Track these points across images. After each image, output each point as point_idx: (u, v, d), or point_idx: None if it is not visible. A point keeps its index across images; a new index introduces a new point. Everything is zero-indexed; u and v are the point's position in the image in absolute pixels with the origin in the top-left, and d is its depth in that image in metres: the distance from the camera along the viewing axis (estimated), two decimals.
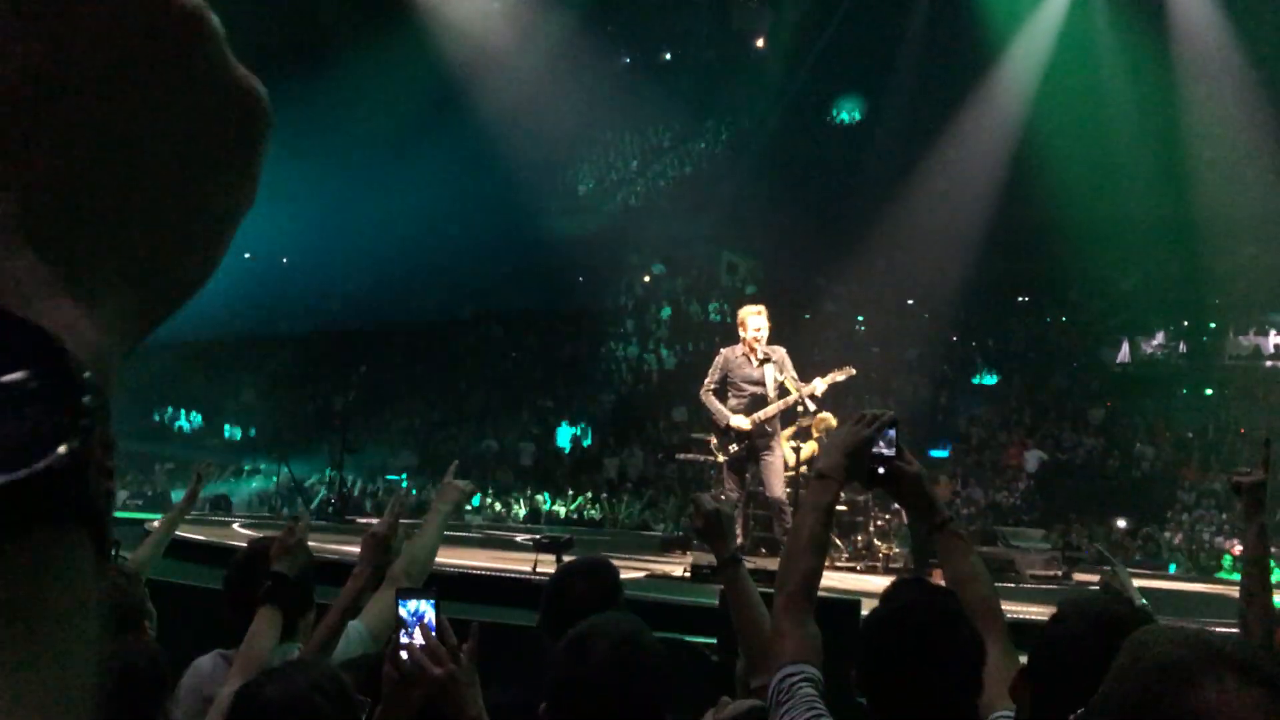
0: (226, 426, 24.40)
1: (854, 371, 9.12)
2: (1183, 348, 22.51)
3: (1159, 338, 22.90)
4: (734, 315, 9.24)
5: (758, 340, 8.68)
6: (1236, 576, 13.03)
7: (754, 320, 8.75)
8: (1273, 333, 21.67)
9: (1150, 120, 20.56)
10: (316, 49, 22.52)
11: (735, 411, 8.67)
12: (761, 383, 8.67)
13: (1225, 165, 20.35)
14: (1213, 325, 22.48)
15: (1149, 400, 21.34)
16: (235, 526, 11.74)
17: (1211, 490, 18.77)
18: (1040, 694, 1.85)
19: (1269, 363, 21.35)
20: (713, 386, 8.80)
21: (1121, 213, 22.15)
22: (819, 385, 8.64)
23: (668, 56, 25.78)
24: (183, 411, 24.47)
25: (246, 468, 20.91)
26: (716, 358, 8.99)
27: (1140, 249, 22.98)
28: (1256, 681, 1.09)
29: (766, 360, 8.66)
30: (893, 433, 2.45)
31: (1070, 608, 1.98)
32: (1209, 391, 21.42)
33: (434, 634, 2.17)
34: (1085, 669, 1.21)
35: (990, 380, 22.97)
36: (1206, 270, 22.94)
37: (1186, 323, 22.82)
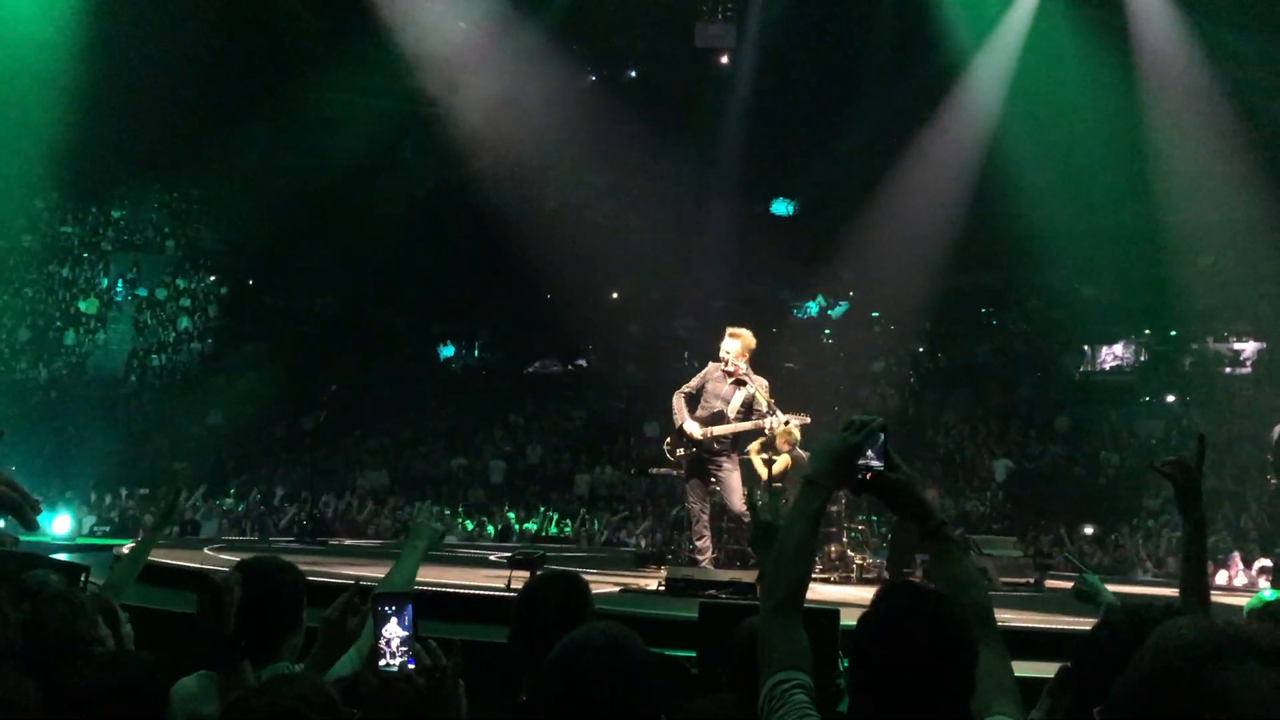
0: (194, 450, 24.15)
1: (809, 420, 9.42)
2: (1144, 355, 22.80)
3: (1121, 346, 23.18)
4: (703, 329, 9.61)
5: (725, 360, 8.96)
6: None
7: (725, 343, 9.05)
8: (1233, 339, 21.99)
9: (1111, 132, 20.83)
10: (282, 70, 22.45)
11: (696, 420, 8.88)
12: (727, 401, 8.90)
13: (1184, 175, 20.66)
14: (1173, 333, 22.78)
15: (1113, 408, 21.60)
16: (206, 550, 11.63)
17: (1174, 497, 18.98)
18: (1084, 692, 1.87)
19: (1229, 369, 21.66)
20: (687, 390, 9.16)
21: (1083, 223, 22.42)
22: (778, 421, 8.87)
23: (633, 74, 25.89)
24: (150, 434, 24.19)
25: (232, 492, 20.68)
26: (706, 367, 9.32)
27: (1101, 258, 23.28)
28: (1277, 665, 1.10)
29: (741, 384, 8.90)
30: (882, 439, 2.43)
31: (1116, 612, 2.02)
32: (1171, 398, 21.70)
33: (415, 636, 2.18)
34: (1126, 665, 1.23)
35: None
36: (1167, 278, 23.27)
37: (1148, 330, 23.12)
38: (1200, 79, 19.38)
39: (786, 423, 9.12)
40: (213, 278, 27.87)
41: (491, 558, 11.67)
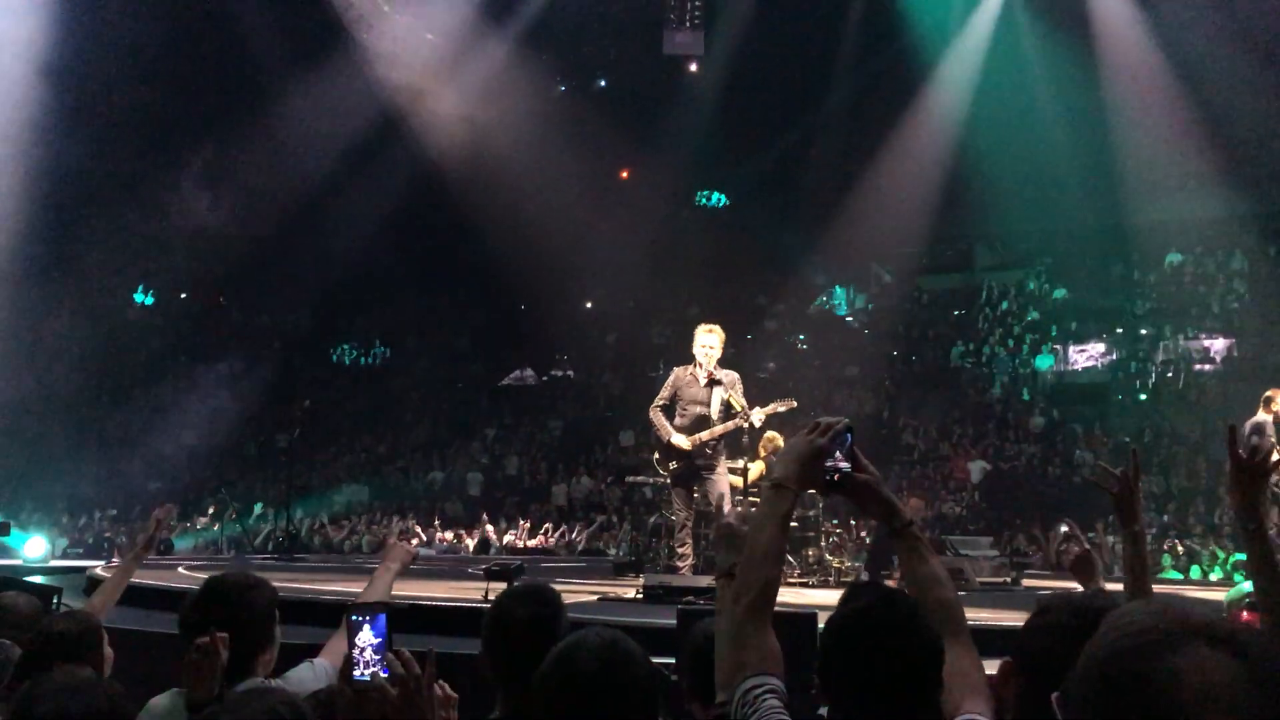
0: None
1: (795, 404, 9.28)
2: (1116, 354, 23.00)
3: (1093, 345, 23.37)
4: (679, 338, 9.44)
5: (706, 357, 8.83)
6: (1176, 575, 13.21)
7: (702, 338, 8.91)
8: (1202, 337, 22.22)
9: (1078, 134, 21.05)
10: (250, 82, 22.35)
11: (679, 430, 8.79)
12: (706, 404, 8.79)
13: (1151, 176, 20.89)
14: (1144, 332, 23.00)
15: (1086, 407, 21.76)
16: (180, 569, 11.53)
17: (1150, 493, 19.18)
18: (1027, 685, 1.88)
19: (1199, 366, 21.88)
20: (661, 403, 8.96)
21: (1054, 225, 22.64)
22: (758, 415, 8.74)
23: (603, 83, 25.95)
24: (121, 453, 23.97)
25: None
26: (670, 376, 9.11)
27: (1073, 259, 23.51)
28: (1226, 649, 1.11)
29: (715, 383, 8.80)
30: (848, 440, 2.43)
31: (1053, 599, 2.03)
32: (1143, 397, 21.89)
33: (387, 649, 2.17)
34: (1070, 656, 1.25)
35: None
36: (1137, 279, 23.54)
37: (1119, 330, 23.33)
38: (1163, 80, 19.62)
39: (764, 419, 8.98)
40: (184, 295, 27.69)
41: (469, 570, 11.62)
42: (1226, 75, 19.10)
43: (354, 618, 2.19)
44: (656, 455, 9.13)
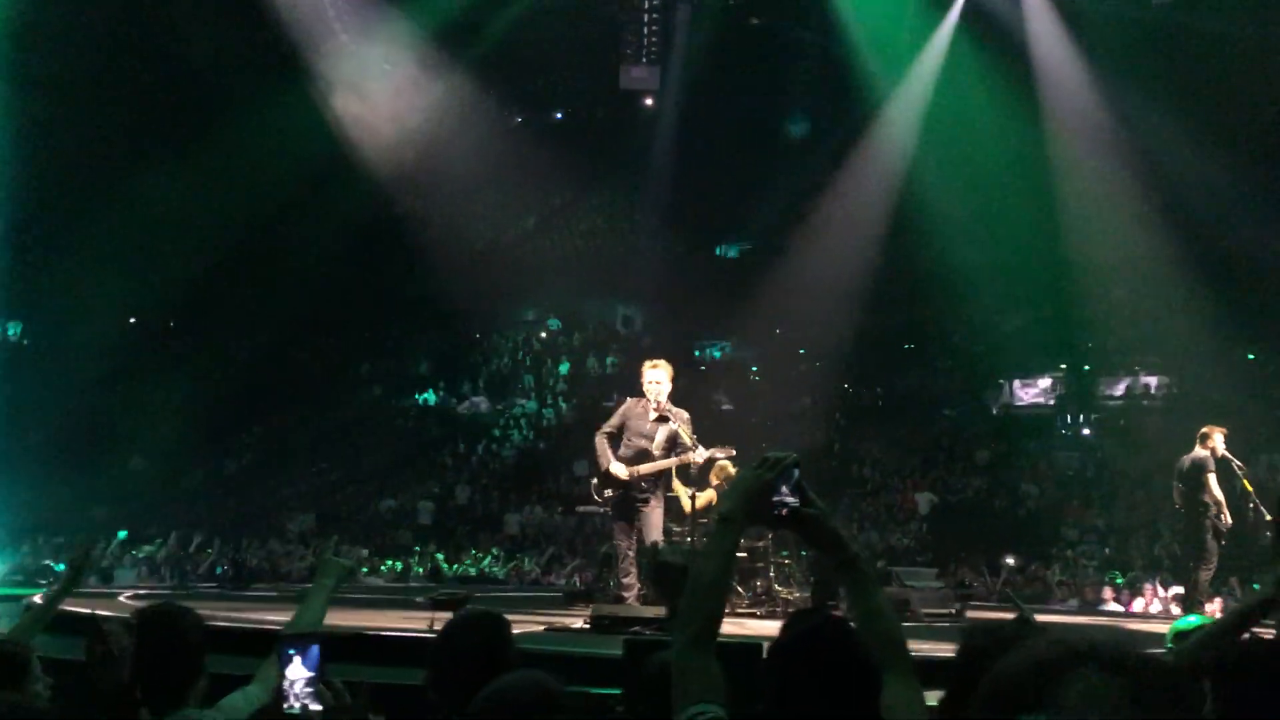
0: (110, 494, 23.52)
1: (734, 453, 9.43)
2: (1060, 389, 23.37)
3: (1038, 380, 23.75)
4: (631, 368, 9.46)
5: (654, 392, 8.90)
6: (1118, 608, 13.35)
7: (649, 373, 9.01)
8: (1142, 373, 22.65)
9: (1022, 171, 21.47)
10: (205, 111, 22.23)
11: (620, 459, 8.86)
12: (651, 438, 8.87)
13: (1094, 212, 21.33)
14: (1087, 367, 23.40)
15: (1031, 441, 22.08)
16: (121, 599, 11.34)
17: (1094, 526, 19.49)
18: (947, 703, 1.96)
19: (1144, 402, 22.30)
20: (609, 430, 9.03)
21: (1000, 260, 23.01)
22: (700, 454, 8.84)
23: (559, 116, 26.10)
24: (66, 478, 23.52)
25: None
26: (623, 404, 9.19)
27: (1018, 295, 23.89)
28: (1120, 673, 1.21)
29: (664, 419, 8.87)
30: (796, 474, 2.43)
31: (974, 626, 2.11)
32: (1087, 431, 22.25)
33: (320, 678, 2.16)
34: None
35: None
36: (1081, 314, 23.95)
37: (1064, 365, 23.72)
38: (1102, 119, 20.11)
39: (711, 458, 9.12)
40: (133, 319, 27.27)
41: (417, 599, 11.54)
42: (1162, 117, 19.61)
43: (287, 650, 2.17)
44: (595, 480, 9.21)
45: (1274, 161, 19.74)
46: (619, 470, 8.81)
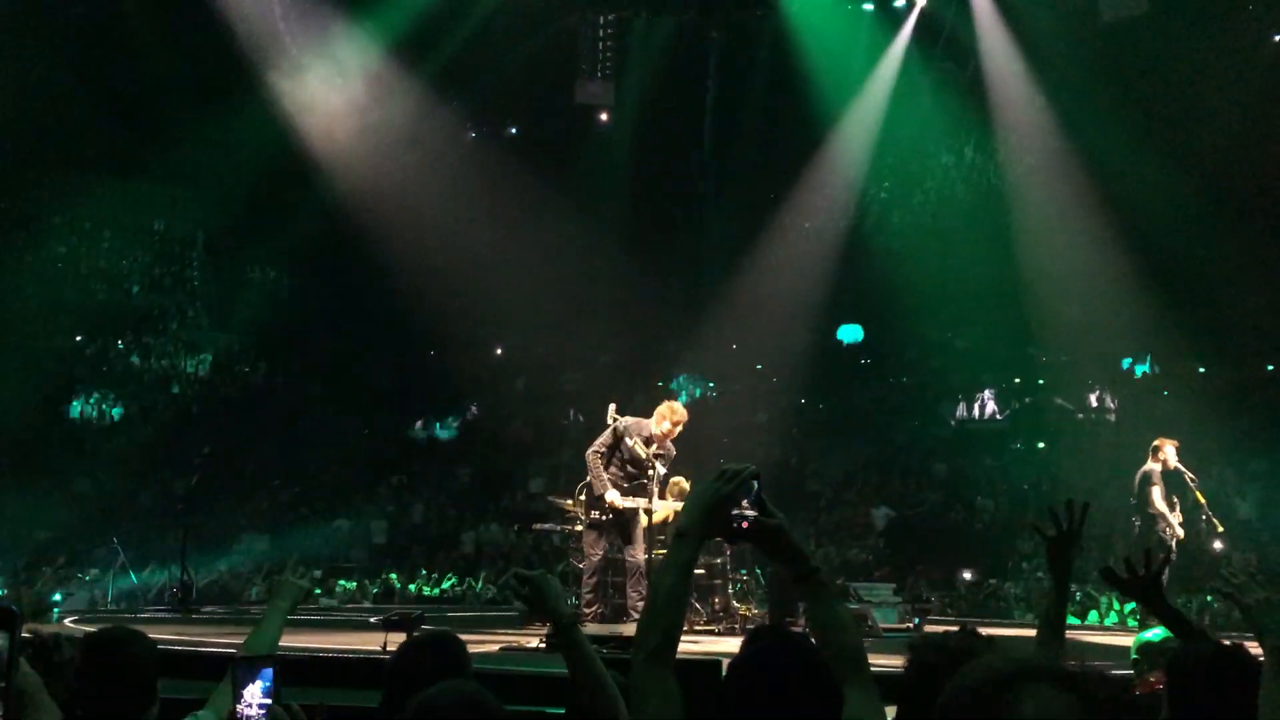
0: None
1: (686, 487, 9.69)
2: (1014, 404, 23.62)
3: (992, 395, 23.98)
4: (588, 384, 9.69)
5: (667, 434, 9.05)
6: (1074, 621, 13.51)
7: (671, 420, 9.10)
8: (1095, 388, 22.94)
9: (974, 189, 21.75)
10: (156, 125, 21.95)
11: (612, 481, 8.93)
12: (647, 474, 8.83)
13: (1046, 229, 21.61)
14: (1040, 382, 23.67)
15: (987, 455, 22.27)
16: (67, 623, 11.07)
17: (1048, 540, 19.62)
18: (900, 714, 1.95)
19: (1094, 416, 22.58)
20: (601, 450, 9.02)
21: (954, 276, 23.23)
22: (659, 506, 8.97)
23: (514, 130, 26.05)
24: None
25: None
26: (615, 423, 9.03)
27: (972, 310, 24.13)
28: (1069, 690, 1.25)
29: (661, 456, 8.95)
30: (755, 487, 2.41)
31: (920, 640, 2.11)
32: (1041, 445, 22.49)
33: (275, 702, 2.11)
34: (932, 691, 1.40)
35: None
36: (1034, 330, 24.23)
37: (1018, 380, 23.97)
38: (1054, 138, 20.40)
39: (667, 481, 9.33)
40: (80, 337, 26.81)
41: (371, 620, 11.37)
42: (1115, 132, 19.93)
43: (240, 672, 2.13)
44: (583, 497, 9.21)
45: (1224, 177, 20.09)
46: (616, 500, 8.95)
